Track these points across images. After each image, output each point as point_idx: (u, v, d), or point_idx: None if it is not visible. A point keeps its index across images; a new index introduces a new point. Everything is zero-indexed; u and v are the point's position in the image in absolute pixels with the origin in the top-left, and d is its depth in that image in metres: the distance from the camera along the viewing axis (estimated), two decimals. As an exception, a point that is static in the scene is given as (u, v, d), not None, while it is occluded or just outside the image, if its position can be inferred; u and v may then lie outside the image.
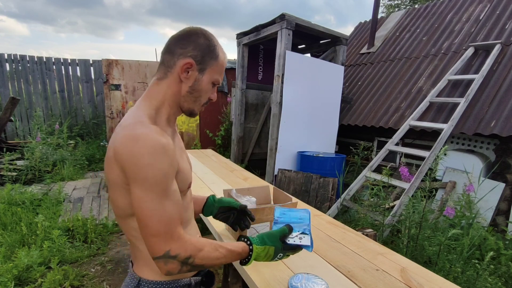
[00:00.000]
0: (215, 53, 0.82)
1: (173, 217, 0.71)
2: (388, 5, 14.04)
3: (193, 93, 0.83)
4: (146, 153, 0.67)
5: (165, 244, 0.69)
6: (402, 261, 1.23)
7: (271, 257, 0.89)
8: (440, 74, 3.80)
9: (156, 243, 0.69)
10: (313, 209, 1.81)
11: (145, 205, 0.68)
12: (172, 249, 0.70)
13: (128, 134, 0.70)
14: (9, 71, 6.09)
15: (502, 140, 3.01)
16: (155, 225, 0.68)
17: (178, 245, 0.70)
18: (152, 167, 0.68)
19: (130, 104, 5.00)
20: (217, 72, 0.84)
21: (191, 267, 0.73)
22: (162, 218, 0.69)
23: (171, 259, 0.70)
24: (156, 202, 0.69)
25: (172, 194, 0.72)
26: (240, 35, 4.42)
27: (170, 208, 0.71)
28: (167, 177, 0.71)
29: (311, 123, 3.84)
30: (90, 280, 2.28)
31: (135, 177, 0.68)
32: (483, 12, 4.19)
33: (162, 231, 0.69)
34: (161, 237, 0.69)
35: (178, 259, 0.70)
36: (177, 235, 0.71)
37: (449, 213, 2.15)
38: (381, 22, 5.77)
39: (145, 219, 0.69)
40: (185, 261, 0.71)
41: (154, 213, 0.68)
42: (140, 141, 0.68)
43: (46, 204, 3.33)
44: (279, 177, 3.29)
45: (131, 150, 0.68)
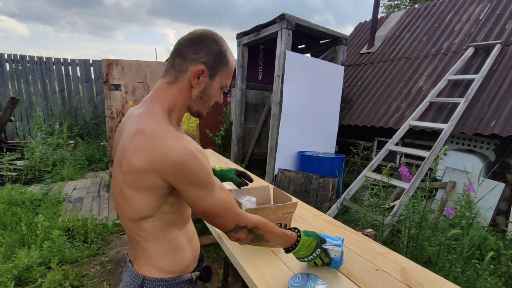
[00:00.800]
0: (226, 59, 0.84)
1: (227, 199, 0.82)
2: (388, 5, 14.03)
3: (203, 98, 0.85)
4: (190, 160, 0.74)
5: (234, 219, 0.82)
6: (402, 261, 1.23)
7: (311, 251, 1.00)
8: (440, 74, 3.80)
9: (227, 220, 0.81)
10: (313, 209, 1.81)
11: (205, 201, 0.78)
12: (240, 222, 0.83)
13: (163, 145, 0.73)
14: (9, 71, 6.09)
15: (502, 140, 3.01)
16: (220, 211, 0.80)
17: (244, 218, 0.84)
18: (199, 169, 0.76)
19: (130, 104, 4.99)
20: (227, 77, 0.87)
21: (254, 236, 0.87)
22: (222, 204, 0.80)
23: (241, 229, 0.84)
24: (212, 195, 0.79)
25: (218, 183, 0.82)
26: (240, 35, 4.42)
27: (222, 193, 0.82)
28: (210, 172, 0.80)
29: (311, 123, 3.84)
30: (90, 280, 2.28)
31: (188, 181, 0.75)
32: (483, 12, 4.19)
33: (226, 212, 0.81)
34: (227, 216, 0.81)
35: (247, 228, 0.85)
36: (238, 212, 0.84)
37: (449, 213, 2.15)
38: (381, 22, 5.77)
39: (210, 210, 0.79)
40: (252, 230, 0.86)
41: (215, 203, 0.79)
42: (178, 150, 0.73)
43: (46, 204, 3.33)
44: (279, 177, 3.29)
45: (175, 160, 0.73)
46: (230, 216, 0.82)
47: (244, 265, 1.13)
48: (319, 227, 1.53)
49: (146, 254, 0.84)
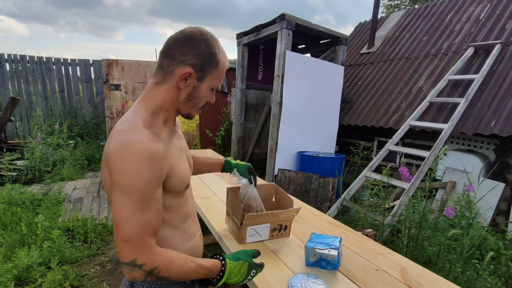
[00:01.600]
0: (216, 61, 0.80)
1: (148, 226, 0.70)
2: (388, 5, 14.03)
3: (191, 100, 0.82)
4: (132, 160, 0.67)
5: (133, 252, 0.68)
6: (402, 261, 1.23)
7: (245, 274, 0.88)
8: (440, 74, 3.80)
9: (125, 249, 0.68)
10: (313, 209, 1.81)
11: (122, 211, 0.68)
12: (139, 258, 0.69)
13: (120, 139, 0.70)
14: (9, 71, 6.08)
15: (502, 140, 3.01)
16: (128, 232, 0.67)
17: (146, 255, 0.69)
18: (135, 174, 0.67)
19: (130, 104, 4.99)
20: (217, 78, 0.83)
21: (156, 278, 0.72)
22: (136, 226, 0.68)
23: (136, 267, 0.69)
24: (133, 209, 0.68)
25: (153, 203, 0.71)
26: (240, 35, 4.42)
27: (148, 216, 0.70)
28: (149, 185, 0.70)
29: (311, 123, 3.84)
30: (90, 280, 2.28)
31: (117, 181, 0.68)
32: (483, 12, 4.19)
33: (133, 239, 0.68)
34: (131, 244, 0.68)
35: (144, 269, 0.70)
36: (148, 245, 0.70)
37: (449, 213, 2.15)
38: (381, 22, 5.77)
39: (119, 224, 0.68)
40: (150, 272, 0.70)
41: (129, 219, 0.68)
42: (129, 147, 0.68)
43: (46, 204, 3.33)
44: (279, 177, 3.29)
45: (119, 155, 0.68)
46: (134, 245, 0.68)
47: (244, 265, 1.13)
48: (319, 227, 1.53)
49: None
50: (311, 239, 1.21)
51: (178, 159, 0.83)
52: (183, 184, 0.84)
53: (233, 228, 1.37)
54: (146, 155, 0.68)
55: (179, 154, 0.85)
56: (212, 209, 1.74)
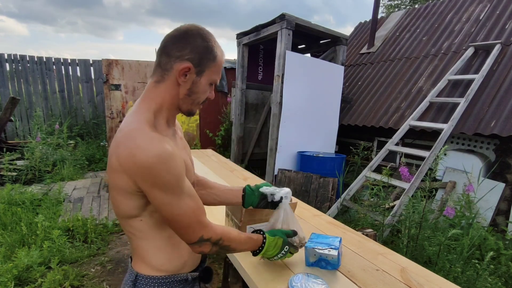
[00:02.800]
0: (213, 54, 0.80)
1: (196, 208, 0.79)
2: (388, 5, 14.03)
3: (191, 95, 0.82)
4: (158, 163, 0.71)
5: (198, 232, 0.79)
6: (402, 261, 1.23)
7: (279, 249, 0.99)
8: (440, 74, 3.80)
9: (190, 233, 0.78)
10: (313, 209, 1.81)
11: (172, 207, 0.75)
12: (204, 234, 0.79)
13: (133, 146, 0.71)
14: (9, 71, 6.08)
15: (502, 140, 3.01)
16: (186, 220, 0.77)
17: (208, 231, 0.80)
18: (167, 173, 0.72)
19: (130, 104, 4.99)
20: (215, 72, 0.83)
21: (219, 247, 0.84)
22: (188, 213, 0.77)
23: (204, 242, 0.80)
24: (179, 202, 0.75)
25: (188, 190, 0.79)
26: (240, 35, 4.42)
27: (191, 202, 0.78)
28: (181, 178, 0.76)
29: (311, 123, 3.84)
30: (90, 280, 2.28)
31: (154, 185, 0.72)
32: (483, 12, 4.19)
33: (195, 221, 0.78)
34: (192, 228, 0.78)
35: (211, 241, 0.81)
36: (205, 223, 0.80)
37: (449, 213, 2.15)
38: (381, 22, 5.77)
39: (175, 218, 0.76)
40: (216, 242, 0.82)
41: (181, 211, 0.76)
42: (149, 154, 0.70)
43: (46, 204, 3.33)
44: (279, 177, 3.29)
45: (142, 162, 0.70)
46: (196, 227, 0.78)
47: (244, 265, 1.13)
48: (319, 227, 1.53)
49: (139, 251, 0.84)
50: (311, 239, 1.21)
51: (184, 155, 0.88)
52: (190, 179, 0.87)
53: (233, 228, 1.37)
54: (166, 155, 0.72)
55: (183, 152, 0.89)
56: (212, 209, 1.74)
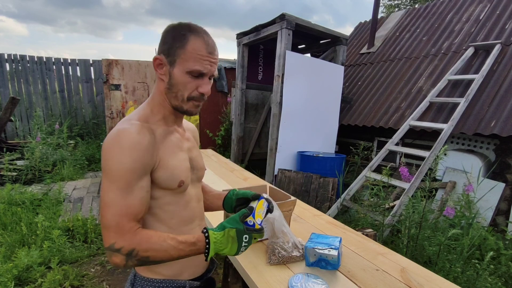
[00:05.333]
0: (183, 42, 0.77)
1: (129, 211, 0.72)
2: (388, 5, 14.03)
3: (171, 89, 0.81)
4: (116, 147, 0.72)
5: (113, 237, 0.70)
6: (402, 261, 1.23)
7: (236, 242, 0.79)
8: (440, 74, 3.80)
9: (106, 235, 0.71)
10: (313, 209, 1.81)
11: (106, 196, 0.71)
12: (117, 242, 0.70)
13: (112, 130, 0.76)
14: (9, 71, 6.08)
15: (502, 140, 3.01)
16: (109, 217, 0.70)
17: (124, 239, 0.70)
18: (117, 160, 0.71)
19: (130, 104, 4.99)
20: (188, 60, 0.77)
21: (137, 260, 0.71)
22: (116, 211, 0.70)
23: (115, 252, 0.70)
24: (115, 195, 0.71)
25: (136, 190, 0.73)
26: (240, 35, 4.42)
27: (129, 202, 0.72)
28: (131, 173, 0.72)
29: (311, 123, 3.84)
30: (90, 280, 2.28)
31: (104, 168, 0.73)
32: (483, 12, 4.19)
33: (113, 224, 0.70)
34: (111, 230, 0.70)
35: (122, 252, 0.70)
36: (127, 229, 0.71)
37: (449, 213, 2.15)
38: (381, 22, 5.77)
39: (103, 209, 0.71)
40: (129, 254, 0.70)
41: (111, 204, 0.70)
42: (116, 135, 0.73)
43: (46, 204, 3.33)
44: (279, 177, 3.29)
45: (106, 143, 0.73)
46: (115, 229, 0.69)
47: (244, 265, 1.13)
48: (319, 227, 1.53)
49: None
50: (311, 239, 1.21)
51: (170, 154, 0.83)
52: (175, 180, 0.82)
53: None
54: (130, 143, 0.72)
55: (174, 150, 0.85)
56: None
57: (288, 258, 1.14)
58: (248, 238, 0.80)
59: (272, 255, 1.15)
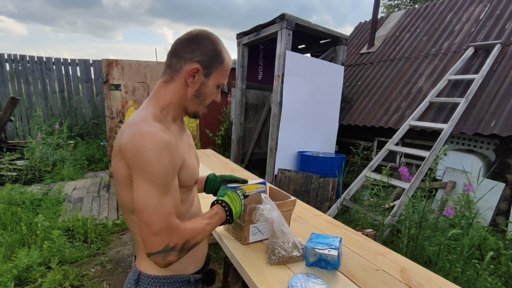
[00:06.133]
0: (221, 58, 0.84)
1: (174, 210, 0.74)
2: (388, 5, 14.03)
3: (199, 97, 0.85)
4: (150, 149, 0.70)
5: (166, 239, 0.71)
6: (402, 261, 1.23)
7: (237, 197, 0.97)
8: (440, 74, 3.80)
9: (156, 240, 0.70)
10: (313, 209, 1.81)
11: (149, 200, 0.70)
12: (171, 242, 0.71)
13: (134, 131, 0.73)
14: (9, 71, 6.08)
15: (502, 140, 3.01)
16: (158, 222, 0.69)
17: (175, 236, 0.72)
18: (156, 162, 0.70)
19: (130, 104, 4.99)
20: (222, 75, 0.87)
21: (187, 250, 0.75)
22: (163, 214, 0.71)
23: (170, 251, 0.71)
24: (158, 198, 0.70)
25: (173, 190, 0.75)
26: (240, 35, 4.42)
27: (170, 204, 0.73)
28: (169, 173, 0.73)
29: (311, 123, 3.84)
30: (90, 280, 2.28)
31: (139, 171, 0.71)
32: (483, 12, 4.19)
33: (165, 227, 0.70)
34: (163, 233, 0.70)
35: (177, 249, 0.72)
36: (175, 227, 0.72)
37: (449, 213, 2.15)
38: (381, 22, 5.77)
39: (147, 215, 0.69)
40: (182, 248, 0.74)
41: (157, 208, 0.70)
42: (145, 137, 0.71)
43: (46, 204, 3.33)
44: (279, 177, 3.29)
45: (136, 146, 0.71)
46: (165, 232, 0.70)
47: (244, 265, 1.13)
48: (319, 227, 1.53)
49: (141, 248, 0.84)
50: (311, 239, 1.21)
51: (188, 153, 0.87)
52: (193, 179, 0.87)
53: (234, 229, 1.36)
54: (161, 144, 0.71)
55: (188, 149, 0.90)
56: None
57: (288, 258, 1.14)
58: (241, 193, 1.01)
59: (272, 255, 1.15)
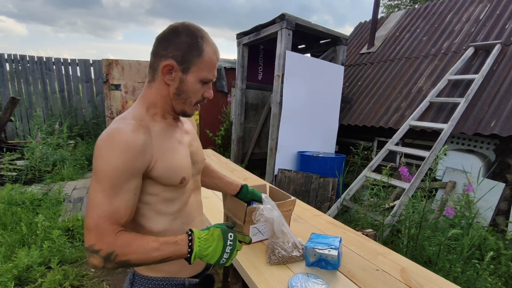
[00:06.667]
0: (199, 50, 0.77)
1: (113, 214, 0.70)
2: (388, 5, 14.03)
3: (181, 95, 0.80)
4: (106, 146, 0.69)
5: (93, 238, 0.68)
6: (402, 261, 1.23)
7: (221, 241, 0.76)
8: (440, 74, 3.80)
9: (87, 235, 0.69)
10: (313, 209, 1.81)
11: (92, 195, 0.69)
12: (96, 244, 0.68)
13: (108, 128, 0.73)
14: (9, 71, 6.08)
15: (502, 140, 3.01)
16: (91, 218, 0.68)
17: (104, 241, 0.68)
18: (106, 160, 0.68)
19: (130, 104, 5.00)
20: (204, 69, 0.78)
21: (115, 264, 0.69)
22: (100, 213, 0.68)
23: (94, 253, 0.68)
24: (101, 195, 0.69)
25: (122, 193, 0.70)
26: (240, 35, 4.42)
27: (115, 205, 0.69)
28: (119, 174, 0.69)
29: (311, 123, 3.84)
30: (90, 280, 2.28)
31: (94, 165, 0.71)
32: (483, 12, 4.19)
33: (93, 226, 0.68)
34: (92, 231, 0.68)
35: (100, 255, 0.68)
36: (108, 232, 0.69)
37: (449, 213, 2.15)
38: (381, 22, 5.77)
39: (87, 209, 0.69)
40: (107, 257, 0.68)
41: (95, 205, 0.69)
42: (109, 135, 0.70)
43: (46, 204, 3.33)
44: (279, 177, 3.29)
45: (99, 142, 0.71)
46: (97, 230, 0.68)
47: (244, 265, 1.13)
48: (319, 227, 1.53)
49: None
50: (311, 239, 1.21)
51: (171, 151, 0.81)
52: (176, 176, 0.81)
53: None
54: (120, 144, 0.69)
55: (174, 146, 0.83)
56: (212, 209, 1.74)
57: (288, 258, 1.14)
58: (233, 237, 0.78)
59: (272, 255, 1.15)
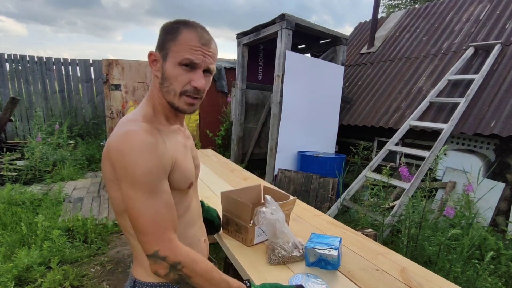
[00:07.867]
0: (174, 34, 0.75)
1: (162, 217, 0.70)
2: (388, 5, 14.03)
3: (164, 83, 0.78)
4: (132, 151, 0.67)
5: (154, 244, 0.68)
6: (402, 261, 1.23)
7: None
8: (440, 74, 3.80)
9: (146, 242, 0.69)
10: (313, 209, 1.81)
11: (133, 203, 0.68)
12: (161, 250, 0.68)
13: (118, 131, 0.71)
14: (9, 71, 6.08)
15: (502, 140, 3.01)
16: (144, 223, 0.68)
17: (167, 248, 0.69)
18: (138, 165, 0.67)
19: (130, 104, 5.00)
20: (180, 50, 0.74)
21: (178, 276, 0.70)
22: (149, 217, 0.68)
23: (159, 259, 0.68)
24: (143, 201, 0.68)
25: (160, 194, 0.71)
26: (240, 35, 4.42)
27: (158, 208, 0.70)
28: (153, 175, 0.69)
29: (311, 123, 3.84)
30: (90, 280, 2.28)
31: (123, 174, 0.68)
32: (483, 12, 4.19)
33: (150, 230, 0.68)
34: (150, 236, 0.68)
35: (167, 261, 0.69)
36: (168, 238, 0.69)
37: (449, 213, 2.15)
38: (381, 22, 5.77)
39: (134, 217, 0.69)
40: (173, 266, 0.69)
41: (142, 211, 0.68)
42: (128, 138, 0.69)
43: (46, 204, 3.33)
44: (279, 177, 3.29)
45: (119, 147, 0.69)
46: (153, 237, 0.68)
47: (244, 265, 1.13)
48: (319, 227, 1.53)
49: (137, 253, 0.81)
50: (311, 239, 1.21)
51: (182, 155, 0.82)
52: (186, 181, 0.82)
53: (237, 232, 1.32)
54: (145, 145, 0.69)
55: (183, 150, 0.84)
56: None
57: (288, 258, 1.14)
58: None
59: (272, 255, 1.15)
